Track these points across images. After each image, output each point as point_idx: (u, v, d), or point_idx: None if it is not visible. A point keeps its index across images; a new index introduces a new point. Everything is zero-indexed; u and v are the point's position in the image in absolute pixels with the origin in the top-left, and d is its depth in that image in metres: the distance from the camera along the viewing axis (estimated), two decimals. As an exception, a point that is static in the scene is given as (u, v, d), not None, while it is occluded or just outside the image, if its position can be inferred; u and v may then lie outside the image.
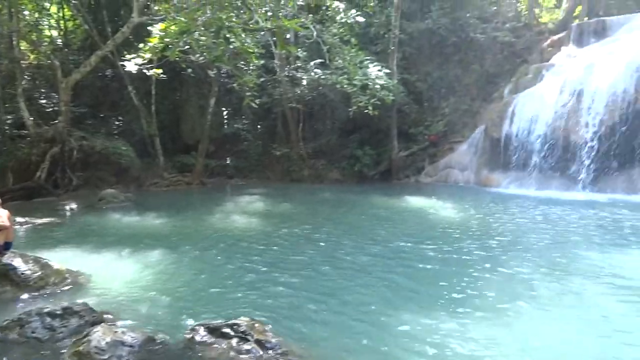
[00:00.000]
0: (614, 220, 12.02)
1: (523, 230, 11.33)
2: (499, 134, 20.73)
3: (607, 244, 9.56)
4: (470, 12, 25.96)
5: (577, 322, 5.56)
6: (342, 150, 24.77)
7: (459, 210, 14.16)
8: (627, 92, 17.48)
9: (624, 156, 17.37)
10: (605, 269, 7.69)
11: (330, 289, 6.90)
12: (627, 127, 17.34)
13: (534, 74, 21.91)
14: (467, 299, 6.32)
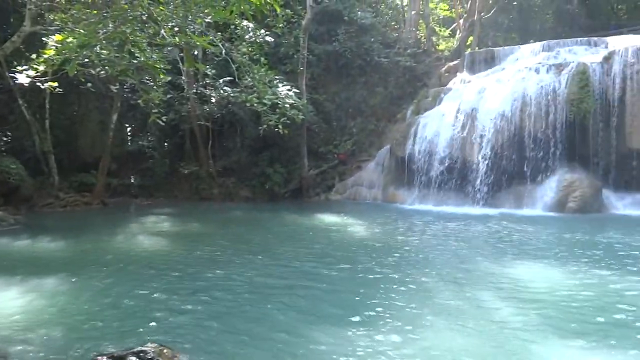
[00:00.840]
0: (505, 233, 13.08)
1: (426, 244, 11.95)
2: (403, 153, 21.78)
3: (500, 254, 10.37)
4: (374, 37, 27.25)
5: (475, 330, 5.94)
6: (252, 169, 24.63)
7: (366, 227, 14.62)
8: (514, 115, 19.25)
9: (512, 174, 19.03)
10: (499, 277, 8.32)
11: (234, 313, 6.76)
12: (515, 148, 19.06)
13: (434, 97, 23.39)
14: (374, 314, 6.51)
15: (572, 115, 18.61)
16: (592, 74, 18.93)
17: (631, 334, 5.79)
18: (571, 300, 7.05)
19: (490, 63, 23.89)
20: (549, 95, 19.06)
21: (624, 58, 18.97)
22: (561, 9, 37.63)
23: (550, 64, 20.34)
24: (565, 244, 11.59)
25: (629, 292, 7.44)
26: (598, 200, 17.62)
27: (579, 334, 5.77)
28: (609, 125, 18.75)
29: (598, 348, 5.36)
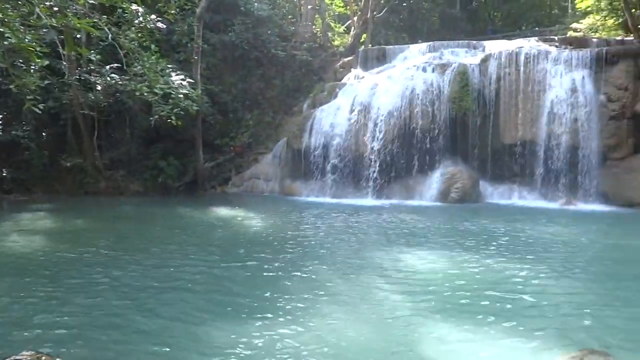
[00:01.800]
0: (396, 223, 13.82)
1: (321, 235, 12.24)
2: (300, 146, 22.03)
3: (390, 243, 10.95)
4: (271, 29, 27.14)
5: (368, 317, 6.22)
6: (143, 161, 23.41)
7: (262, 220, 14.62)
8: (403, 111, 20.32)
9: (403, 167, 20.12)
10: (390, 266, 8.78)
11: (120, 314, 6.38)
12: (404, 142, 20.16)
13: (329, 91, 23.91)
14: (269, 307, 6.54)
15: (454, 112, 20.12)
16: (471, 75, 20.56)
17: (505, 310, 6.42)
18: (453, 283, 7.64)
19: (382, 60, 24.93)
20: (434, 93, 20.40)
21: (499, 61, 20.83)
22: (446, 13, 40.40)
23: (436, 64, 21.74)
24: (448, 232, 12.54)
25: (503, 273, 8.26)
26: (476, 191, 19.25)
27: (462, 314, 6.28)
28: (485, 122, 20.51)
29: (479, 326, 5.88)
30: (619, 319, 6.21)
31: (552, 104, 19.66)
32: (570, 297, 7.11)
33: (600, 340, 5.40)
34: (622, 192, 18.14)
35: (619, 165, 18.80)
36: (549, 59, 20.46)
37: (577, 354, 4.91)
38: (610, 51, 20.22)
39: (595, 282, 8.09)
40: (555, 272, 8.40)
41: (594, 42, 22.57)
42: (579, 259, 9.84)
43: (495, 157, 20.33)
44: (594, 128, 19.14)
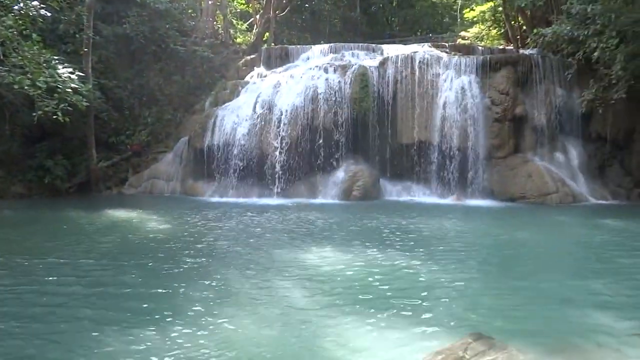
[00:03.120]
0: (300, 221, 13.91)
1: (223, 236, 11.97)
2: (202, 145, 21.43)
3: (294, 242, 10.98)
4: (169, 23, 26.09)
5: (270, 316, 6.16)
6: (27, 161, 21.38)
7: (163, 221, 14.00)
8: (307, 110, 20.53)
9: (306, 166, 20.34)
10: (293, 264, 8.80)
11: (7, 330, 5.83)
12: (308, 141, 20.38)
13: (232, 89, 23.51)
14: (169, 312, 6.26)
15: (355, 112, 20.73)
16: (370, 76, 21.31)
17: (401, 302, 6.69)
18: (354, 279, 7.85)
19: (285, 60, 25.01)
20: (336, 94, 20.87)
21: (396, 64, 21.80)
22: (346, 16, 41.49)
23: (337, 64, 22.25)
24: (350, 229, 12.87)
25: (401, 266, 8.62)
26: (377, 189, 20.01)
27: (362, 309, 6.43)
28: (385, 123, 21.38)
29: (378, 319, 6.05)
30: (504, 306, 6.74)
31: (444, 107, 20.98)
32: (460, 287, 7.58)
33: (486, 327, 5.80)
34: (505, 188, 19.84)
35: (502, 163, 20.53)
36: (440, 64, 21.80)
37: (465, 340, 5.25)
38: (493, 59, 22.01)
39: (482, 272, 8.72)
40: (446, 264, 8.93)
41: (480, 50, 24.46)
42: (468, 250, 10.56)
43: (394, 156, 21.27)
44: (480, 129, 20.71)
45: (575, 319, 6.22)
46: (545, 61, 22.00)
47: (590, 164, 21.32)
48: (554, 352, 5.17)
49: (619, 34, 18.24)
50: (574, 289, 7.65)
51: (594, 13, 18.63)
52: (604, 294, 7.23)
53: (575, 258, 10.29)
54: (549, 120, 21.38)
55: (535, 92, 21.55)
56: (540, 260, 9.83)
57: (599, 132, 21.58)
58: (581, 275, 8.53)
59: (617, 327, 5.82)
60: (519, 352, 5.02)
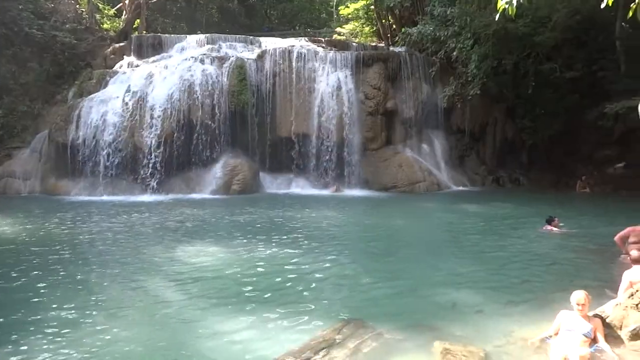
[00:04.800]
0: (176, 218, 13.38)
1: (91, 237, 11.09)
2: (65, 139, 19.62)
3: (169, 239, 10.52)
4: (23, 4, 23.45)
5: (142, 318, 5.84)
6: None
7: (18, 224, 12.58)
8: (182, 103, 19.76)
9: (183, 161, 19.60)
10: (166, 262, 8.43)
11: None
12: (184, 134, 19.64)
13: (99, 79, 21.81)
14: (28, 323, 5.64)
15: (233, 105, 20.42)
16: (249, 69, 21.13)
17: (279, 293, 6.75)
18: (232, 274, 7.73)
19: (158, 49, 23.80)
20: (213, 86, 20.36)
21: (274, 57, 21.86)
22: (224, 6, 40.58)
23: (214, 56, 21.70)
24: (229, 223, 12.68)
25: (280, 258, 8.68)
26: (257, 182, 19.97)
27: (240, 303, 6.38)
28: (264, 116, 21.36)
29: (255, 312, 6.03)
30: (376, 290, 7.11)
31: (321, 100, 21.53)
32: (336, 274, 7.86)
33: (360, 311, 6.09)
34: (379, 179, 20.97)
35: (375, 155, 21.67)
36: (317, 58, 22.31)
37: (338, 325, 5.47)
38: (366, 55, 23.05)
39: (358, 259, 9.12)
40: (325, 253, 9.20)
41: (354, 46, 25.46)
42: (345, 239, 11.00)
43: (274, 150, 21.37)
44: (355, 123, 21.62)
45: (436, 297, 6.76)
46: (412, 59, 23.57)
47: (452, 154, 23.37)
48: (416, 328, 5.56)
49: (473, 35, 20.15)
50: (435, 268, 8.33)
51: (452, 16, 20.38)
52: (461, 274, 7.95)
53: (438, 241, 11.21)
54: (416, 114, 22.99)
55: (404, 87, 23.01)
56: (410, 245, 10.57)
57: (459, 125, 23.73)
58: (442, 257, 9.30)
59: (469, 303, 6.43)
60: (385, 332, 5.35)
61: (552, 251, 9.43)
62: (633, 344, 4.64)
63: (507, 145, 23.67)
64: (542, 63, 20.57)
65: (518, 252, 9.49)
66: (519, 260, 8.84)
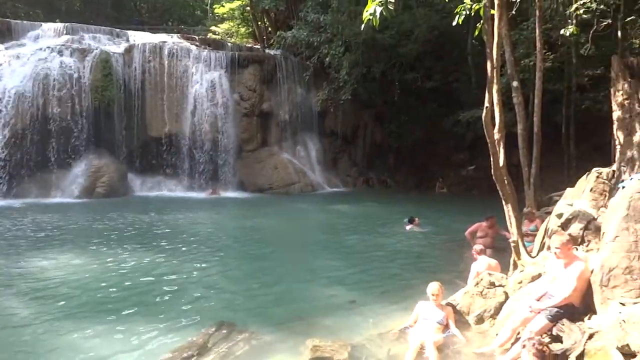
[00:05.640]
0: (29, 225, 12.05)
1: None
2: None
3: (21, 249, 9.43)
4: None
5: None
6: None
7: None
8: (36, 97, 17.86)
9: (38, 161, 17.71)
10: (19, 275, 7.56)
11: None
12: (39, 133, 17.76)
13: None
14: None
15: (97, 102, 18.93)
16: (115, 64, 19.77)
17: (147, 300, 6.41)
18: (94, 283, 7.18)
19: (8, 36, 21.19)
20: (73, 80, 18.69)
21: (143, 53, 20.73)
22: (87, -6, 37.53)
23: (74, 47, 19.93)
24: (91, 230, 11.73)
25: (147, 264, 8.23)
26: (124, 184, 18.75)
27: (103, 313, 5.94)
28: (132, 114, 20.14)
29: (121, 321, 5.67)
30: (250, 293, 7.08)
31: (195, 100, 20.92)
32: (210, 279, 7.68)
33: (232, 314, 6.00)
34: (254, 180, 20.94)
35: (251, 156, 21.62)
36: (190, 56, 21.63)
37: (207, 330, 5.35)
38: (241, 55, 22.89)
39: (231, 262, 9.01)
40: (197, 257, 8.93)
41: (229, 46, 25.13)
42: (219, 242, 10.77)
43: (144, 150, 20.27)
44: (231, 124, 21.35)
45: (309, 296, 6.93)
46: (287, 62, 23.92)
47: (326, 156, 24.16)
48: (289, 327, 5.64)
49: (344, 43, 21.06)
50: (308, 268, 8.54)
51: (325, 23, 21.09)
52: (333, 272, 8.26)
53: (312, 241, 11.50)
54: (291, 117, 23.37)
55: (280, 90, 23.26)
56: (284, 246, 10.69)
57: (332, 128, 24.63)
58: (316, 256, 9.57)
59: (340, 299, 6.70)
60: (258, 333, 5.35)
61: (414, 247, 10.18)
62: (478, 327, 5.18)
63: (376, 148, 25.09)
64: (406, 73, 22.16)
65: (385, 249, 10.09)
66: (385, 256, 9.42)
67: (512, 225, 6.07)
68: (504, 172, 5.97)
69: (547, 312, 4.25)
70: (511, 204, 6.04)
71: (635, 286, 3.96)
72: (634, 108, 5.70)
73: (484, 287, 5.41)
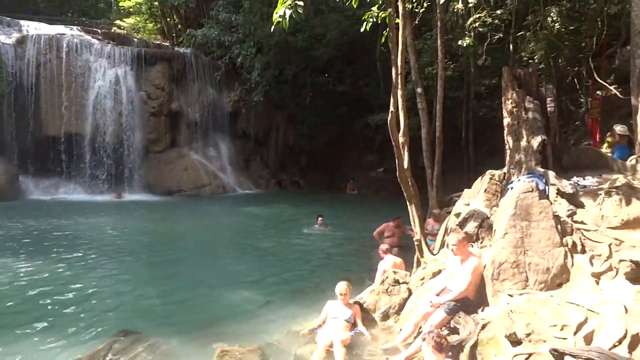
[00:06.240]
0: None
1: None
2: None
3: None
4: None
5: None
6: None
7: None
8: None
9: None
10: None
11: None
12: None
13: None
14: None
15: (-17, 96, 17.22)
16: (4, 56, 18.09)
17: (47, 311, 5.96)
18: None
19: None
20: (-47, 71, 16.86)
21: (38, 45, 19.16)
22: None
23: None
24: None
25: (46, 273, 7.65)
26: (15, 187, 17.23)
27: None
28: (25, 111, 18.54)
29: (19, 335, 5.26)
30: (156, 301, 6.80)
31: (97, 97, 19.71)
32: (111, 287, 7.27)
33: (136, 324, 5.73)
34: (163, 182, 20.13)
35: (159, 157, 20.77)
36: (92, 50, 20.37)
37: (110, 341, 5.07)
38: (149, 52, 21.94)
39: (138, 269, 8.60)
40: (100, 265, 8.45)
41: (136, 42, 23.96)
42: (123, 248, 10.22)
43: (38, 150, 18.71)
44: (137, 123, 20.37)
45: (219, 300, 6.80)
46: (198, 61, 23.30)
47: (238, 158, 23.84)
48: (197, 334, 5.49)
49: (257, 44, 20.93)
50: (220, 272, 8.39)
51: (237, 22, 20.82)
52: (243, 275, 8.18)
53: (222, 244, 11.28)
54: (202, 117, 22.80)
55: (190, 89, 22.60)
56: (193, 250, 10.39)
57: (244, 129, 24.36)
58: (226, 260, 9.42)
59: (250, 302, 6.64)
60: (163, 342, 5.15)
61: (326, 248, 10.35)
62: (384, 323, 5.38)
63: (288, 150, 25.19)
64: (318, 76, 22.50)
65: (297, 250, 10.17)
66: (298, 257, 9.49)
67: (415, 225, 6.37)
68: (408, 174, 6.25)
69: (445, 306, 4.52)
70: (414, 205, 6.34)
71: (522, 279, 4.31)
72: (521, 115, 6.23)
73: (389, 284, 5.62)
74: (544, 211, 4.49)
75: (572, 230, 4.60)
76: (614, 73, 13.20)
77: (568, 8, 12.83)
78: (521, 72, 6.80)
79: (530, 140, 5.95)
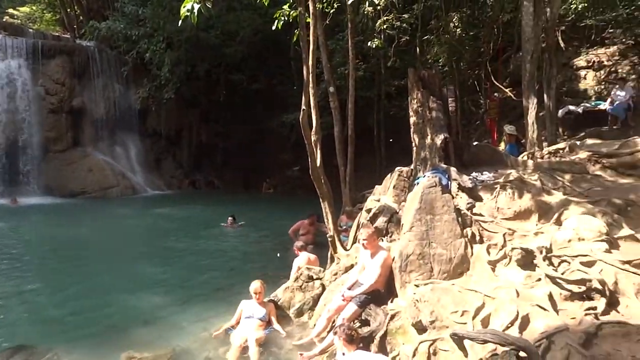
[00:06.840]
0: None
1: None
2: None
3: None
4: None
5: None
6: None
7: None
8: None
9: None
10: None
11: None
12: None
13: None
14: None
15: None
16: None
17: None
18: None
19: None
20: None
21: None
22: None
23: None
24: None
25: None
26: None
27: None
28: None
29: None
30: (57, 310, 6.34)
31: (-13, 92, 18.04)
32: (10, 299, 6.73)
33: (34, 336, 5.33)
34: (65, 184, 18.83)
35: (60, 157, 19.39)
36: (-20, 41, 18.58)
37: (5, 353, 4.68)
38: (46, 45, 20.40)
39: (34, 278, 7.98)
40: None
41: (31, 33, 22.16)
42: (19, 255, 9.45)
43: None
44: (34, 121, 18.88)
45: (126, 306, 6.48)
46: (102, 55, 22.03)
47: (148, 157, 22.86)
48: (103, 343, 5.21)
49: (166, 39, 20.16)
50: (130, 277, 7.99)
51: (145, 16, 19.92)
52: (153, 278, 7.86)
53: (131, 248, 10.78)
54: (108, 115, 21.60)
55: (94, 85, 21.31)
56: (99, 255, 9.82)
57: (155, 127, 23.39)
58: (135, 264, 8.99)
59: (161, 306, 6.40)
60: (65, 354, 4.83)
61: (241, 248, 10.25)
62: (298, 319, 5.42)
63: (202, 149, 24.55)
64: (232, 73, 22.12)
65: (211, 251, 9.96)
66: (212, 258, 9.30)
67: (328, 221, 6.48)
68: (320, 171, 6.34)
69: (356, 299, 4.64)
70: (327, 202, 6.44)
71: (427, 269, 4.54)
72: (426, 115, 6.54)
73: (303, 281, 5.68)
74: (446, 205, 4.76)
75: (472, 222, 4.91)
76: (509, 77, 14.35)
77: (468, 15, 13.71)
78: (425, 73, 7.13)
79: (434, 138, 6.26)
